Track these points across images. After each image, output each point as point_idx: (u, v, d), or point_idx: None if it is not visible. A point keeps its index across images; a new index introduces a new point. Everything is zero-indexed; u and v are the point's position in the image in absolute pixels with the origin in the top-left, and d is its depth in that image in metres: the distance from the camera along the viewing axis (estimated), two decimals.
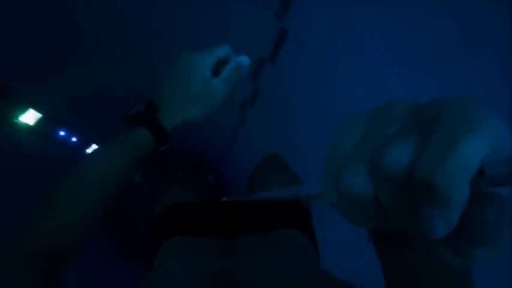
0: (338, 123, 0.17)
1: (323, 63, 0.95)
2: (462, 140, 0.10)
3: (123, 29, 1.07)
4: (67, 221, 0.35)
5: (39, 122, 1.14)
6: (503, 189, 0.11)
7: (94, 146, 1.67)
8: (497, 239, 0.11)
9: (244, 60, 0.40)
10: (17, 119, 1.03)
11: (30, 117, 1.09)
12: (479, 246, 0.12)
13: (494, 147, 0.11)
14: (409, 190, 0.12)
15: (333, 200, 0.16)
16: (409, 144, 0.12)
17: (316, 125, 1.11)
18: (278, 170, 0.79)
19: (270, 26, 0.97)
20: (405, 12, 0.65)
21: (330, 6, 0.79)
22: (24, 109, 1.06)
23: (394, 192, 0.13)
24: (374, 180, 0.13)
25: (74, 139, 1.41)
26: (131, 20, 1.04)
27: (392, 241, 0.22)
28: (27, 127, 1.09)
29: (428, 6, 0.60)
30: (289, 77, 1.12)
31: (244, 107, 1.48)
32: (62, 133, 1.31)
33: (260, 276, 0.39)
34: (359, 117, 0.16)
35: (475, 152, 0.10)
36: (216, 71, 0.41)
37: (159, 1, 0.98)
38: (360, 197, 0.14)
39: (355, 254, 0.95)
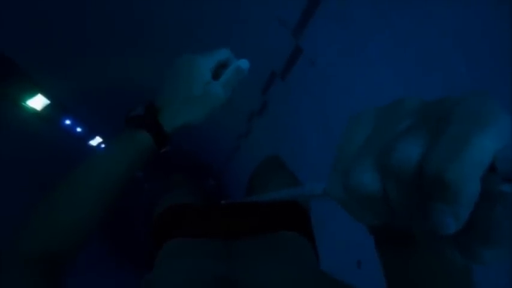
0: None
1: (331, 82, 0.95)
2: (475, 135, 0.10)
3: (136, 29, 1.10)
4: (67, 222, 0.34)
5: (46, 108, 1.15)
6: None
7: (98, 138, 1.68)
8: (505, 237, 0.11)
9: (244, 63, 0.40)
10: (25, 102, 1.05)
11: (38, 102, 1.10)
12: (487, 244, 0.11)
13: (505, 143, 0.11)
14: (418, 186, 0.12)
15: (339, 196, 0.15)
16: (420, 140, 0.12)
17: (319, 139, 1.12)
18: (278, 171, 0.79)
19: (285, 42, 0.97)
20: (415, 44, 0.65)
21: (344, 28, 0.79)
22: (33, 94, 1.07)
23: (403, 188, 0.12)
24: (383, 176, 0.13)
25: (78, 129, 1.42)
26: (144, 21, 1.06)
27: (394, 242, 0.22)
28: (33, 112, 1.10)
29: (438, 42, 0.60)
30: (297, 93, 1.13)
31: (251, 118, 1.49)
32: (67, 122, 1.32)
33: (259, 278, 0.39)
34: (368, 114, 0.16)
35: (488, 147, 0.10)
36: (215, 74, 0.41)
37: (177, 8, 1.00)
38: (368, 193, 0.13)
39: (354, 255, 0.95)
